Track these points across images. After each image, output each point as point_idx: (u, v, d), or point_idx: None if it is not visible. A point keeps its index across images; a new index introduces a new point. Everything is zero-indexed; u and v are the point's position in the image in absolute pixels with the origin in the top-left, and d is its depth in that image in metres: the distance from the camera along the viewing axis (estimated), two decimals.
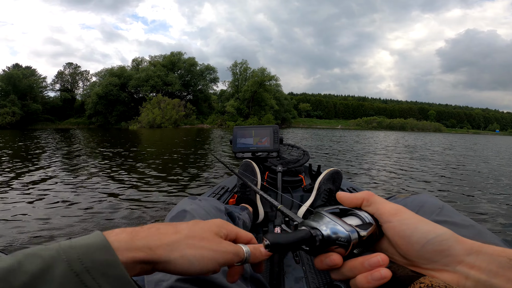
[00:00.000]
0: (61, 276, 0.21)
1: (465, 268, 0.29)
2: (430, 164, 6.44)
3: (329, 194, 1.11)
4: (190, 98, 44.52)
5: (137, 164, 5.38)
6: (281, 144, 1.44)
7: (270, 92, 44.57)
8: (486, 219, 2.67)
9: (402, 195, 0.71)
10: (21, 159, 5.99)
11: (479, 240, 0.31)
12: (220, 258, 0.31)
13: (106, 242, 0.25)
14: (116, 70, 41.96)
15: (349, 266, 0.32)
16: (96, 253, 0.23)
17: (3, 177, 4.09)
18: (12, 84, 37.59)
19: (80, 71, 52.63)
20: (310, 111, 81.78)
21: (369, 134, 26.66)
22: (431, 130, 65.23)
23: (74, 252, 0.23)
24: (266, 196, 0.51)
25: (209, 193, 1.34)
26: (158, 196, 3.19)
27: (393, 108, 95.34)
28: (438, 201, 0.61)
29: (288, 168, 1.47)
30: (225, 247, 0.33)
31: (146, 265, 0.27)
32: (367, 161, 6.57)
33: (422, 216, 0.33)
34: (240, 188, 1.20)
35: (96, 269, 0.22)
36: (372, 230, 0.34)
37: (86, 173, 4.44)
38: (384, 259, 0.31)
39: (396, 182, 4.37)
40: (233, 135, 1.43)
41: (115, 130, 25.81)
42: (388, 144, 13.13)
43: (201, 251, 0.30)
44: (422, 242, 0.31)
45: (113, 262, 0.24)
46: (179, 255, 0.29)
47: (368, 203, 0.36)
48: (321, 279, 0.81)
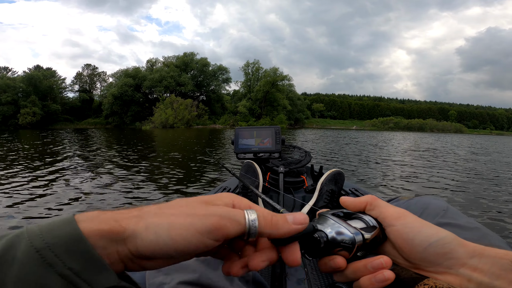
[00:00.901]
0: (22, 254, 0.20)
1: (468, 270, 0.29)
2: (456, 172, 5.81)
3: (331, 195, 1.11)
4: (203, 99, 44.69)
5: (140, 165, 5.44)
6: (283, 145, 1.43)
7: (282, 92, 44.03)
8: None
9: (406, 197, 0.69)
10: (42, 157, 6.40)
11: (484, 242, 0.31)
12: (199, 223, 0.24)
13: (71, 218, 0.22)
14: (130, 71, 42.71)
15: (352, 269, 0.32)
16: (59, 229, 0.21)
17: (26, 173, 4.48)
18: (33, 85, 38.96)
19: (97, 72, 54.12)
20: (324, 112, 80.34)
21: (386, 135, 25.68)
22: (451, 131, 62.47)
23: (37, 229, 0.21)
24: (267, 199, 0.51)
25: (210, 193, 1.16)
26: (158, 196, 3.20)
27: (411, 108, 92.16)
28: (443, 203, 0.60)
29: (290, 169, 1.45)
30: (209, 209, 0.26)
31: (117, 245, 0.23)
32: (387, 167, 6.09)
33: (426, 218, 0.32)
34: (242, 189, 1.20)
35: (58, 244, 0.20)
36: (376, 233, 0.34)
37: (88, 172, 4.59)
38: (387, 261, 0.31)
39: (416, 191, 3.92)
40: (235, 136, 1.42)
41: (129, 130, 26.36)
42: (407, 146, 12.43)
43: (171, 218, 0.24)
44: (425, 245, 0.31)
45: (76, 236, 0.21)
46: (144, 226, 0.24)
47: (372, 206, 0.36)
48: (323, 281, 0.82)
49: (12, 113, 36.12)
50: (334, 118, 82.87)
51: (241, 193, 1.21)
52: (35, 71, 43.42)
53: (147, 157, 6.76)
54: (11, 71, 45.90)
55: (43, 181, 3.98)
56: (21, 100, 37.11)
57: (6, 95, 35.61)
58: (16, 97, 36.77)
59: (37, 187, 3.68)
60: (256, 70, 46.53)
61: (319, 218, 0.36)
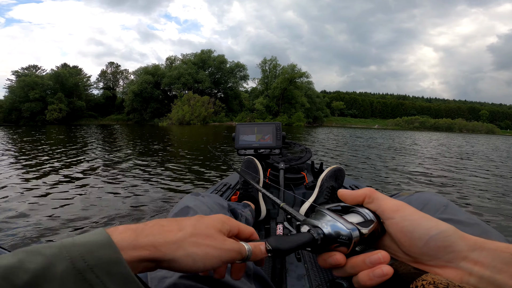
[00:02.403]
0: (64, 273, 0.21)
1: (469, 264, 0.28)
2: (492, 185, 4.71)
3: (332, 191, 1.12)
4: (221, 96, 44.68)
5: (145, 160, 5.51)
6: (284, 142, 1.42)
7: (301, 89, 42.96)
8: None
9: (406, 193, 0.70)
10: (67, 151, 6.85)
11: (484, 238, 0.31)
12: (224, 256, 0.31)
13: (110, 240, 0.24)
14: (150, 69, 43.43)
15: (351, 264, 0.32)
16: (99, 251, 0.23)
17: (54, 166, 4.77)
18: (59, 82, 40.76)
19: (120, 70, 55.81)
20: (344, 110, 77.96)
21: (412, 135, 24.21)
22: (482, 131, 58.38)
23: (76, 249, 0.22)
24: (268, 194, 0.51)
25: (211, 189, 1.34)
26: (160, 191, 3.23)
27: (438, 107, 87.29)
28: (443, 199, 0.60)
29: (290, 165, 1.45)
30: (229, 245, 0.32)
31: (150, 263, 0.27)
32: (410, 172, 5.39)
33: (426, 213, 0.33)
34: (243, 185, 1.20)
35: (99, 267, 0.22)
36: (374, 227, 0.33)
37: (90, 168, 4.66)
38: (385, 256, 0.31)
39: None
40: (236, 132, 1.41)
41: (148, 127, 26.71)
42: (436, 148, 11.40)
43: (206, 249, 0.30)
44: (425, 239, 0.30)
45: (116, 260, 0.23)
46: (184, 254, 0.28)
47: (370, 199, 0.36)
48: (322, 276, 0.83)
49: (40, 109, 37.94)
50: (355, 116, 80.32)
51: (241, 188, 1.19)
52: (62, 69, 45.42)
53: (155, 152, 6.86)
54: (40, 69, 48.35)
55: (71, 173, 4.29)
56: (49, 97, 38.91)
57: (34, 92, 37.32)
58: (44, 94, 38.53)
59: (66, 179, 3.91)
60: (274, 67, 45.67)
61: (316, 214, 0.35)
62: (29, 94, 37.13)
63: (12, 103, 37.22)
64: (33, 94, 37.21)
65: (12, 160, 5.42)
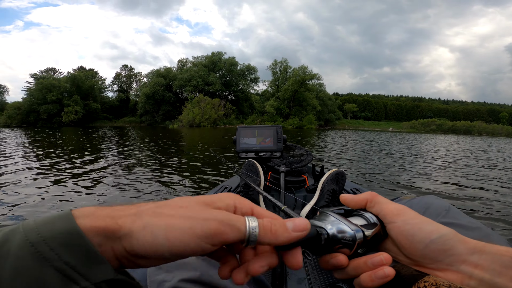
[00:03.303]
0: (17, 248, 0.19)
1: (469, 267, 0.29)
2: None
3: (333, 194, 1.12)
4: (231, 98, 44.77)
5: (147, 162, 5.50)
6: (284, 145, 1.43)
7: (312, 91, 42.52)
8: None
9: (408, 197, 0.69)
10: (82, 152, 7.15)
11: (486, 242, 0.31)
12: (199, 227, 0.23)
13: (68, 212, 0.22)
14: (162, 71, 44.04)
15: (353, 265, 0.32)
16: (55, 223, 0.21)
17: (70, 164, 4.99)
18: (75, 85, 41.89)
19: (134, 73, 56.91)
20: (356, 112, 76.67)
21: (433, 139, 23.31)
22: (503, 134, 55.78)
23: (33, 223, 0.21)
24: (269, 197, 0.51)
25: (211, 192, 1.34)
26: (159, 194, 3.21)
27: (456, 110, 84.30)
28: (445, 203, 0.60)
29: (291, 168, 1.45)
30: (210, 213, 0.25)
31: (112, 242, 0.23)
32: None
33: (428, 217, 0.33)
34: (243, 188, 1.20)
35: (54, 238, 0.20)
36: (377, 230, 0.34)
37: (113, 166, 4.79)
38: (387, 258, 0.31)
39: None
40: (236, 135, 1.42)
41: (160, 129, 26.99)
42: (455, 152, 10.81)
43: (169, 219, 0.23)
44: (426, 242, 0.31)
45: (72, 230, 0.21)
46: (141, 225, 0.23)
47: (372, 203, 0.36)
48: (323, 279, 0.82)
49: (57, 111, 39.08)
50: (368, 119, 78.72)
51: (242, 192, 1.18)
52: (78, 71, 46.76)
53: (160, 153, 6.94)
54: (58, 71, 49.93)
55: (87, 170, 4.55)
56: (65, 99, 39.97)
57: (51, 94, 38.49)
58: (60, 96, 39.65)
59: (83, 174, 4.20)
60: (284, 69, 45.41)
61: (319, 215, 0.36)
62: (46, 97, 38.30)
63: (30, 105, 38.42)
64: (50, 96, 38.36)
65: (28, 159, 5.65)
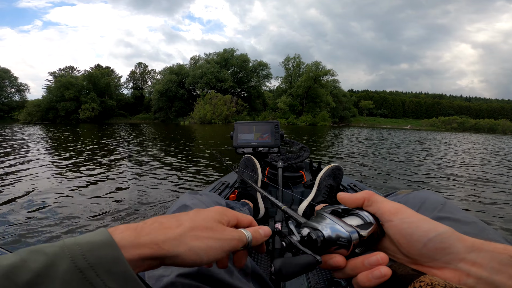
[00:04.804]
0: (65, 273, 0.21)
1: (467, 265, 0.29)
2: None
3: (330, 190, 1.13)
4: (244, 95, 44.42)
5: (144, 158, 5.57)
6: (282, 140, 1.43)
7: (326, 88, 41.50)
8: None
9: (404, 191, 0.70)
10: (101, 147, 7.47)
11: (481, 237, 0.31)
12: (226, 245, 0.31)
13: (111, 239, 0.24)
14: (175, 68, 44.29)
15: (350, 265, 0.33)
16: (100, 250, 0.23)
17: (88, 161, 5.15)
18: (92, 82, 42.87)
19: (148, 70, 57.77)
20: (373, 109, 74.33)
21: (457, 137, 22.05)
22: None
23: (78, 248, 0.23)
24: (270, 197, 0.52)
25: (210, 188, 1.35)
26: (157, 190, 3.22)
27: (479, 107, 79.99)
28: (440, 198, 0.60)
29: (288, 164, 1.47)
30: (229, 234, 0.32)
31: (153, 261, 0.27)
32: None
33: (424, 212, 0.32)
34: (241, 184, 1.21)
35: (100, 265, 0.22)
36: (373, 230, 0.34)
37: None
38: (383, 257, 0.31)
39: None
40: (234, 130, 1.42)
41: (172, 125, 27.20)
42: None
43: (207, 242, 0.30)
44: (424, 241, 0.31)
45: (117, 259, 0.23)
46: (187, 249, 0.28)
47: (369, 202, 0.36)
48: (321, 275, 0.84)
49: (75, 108, 40.11)
50: (385, 116, 76.17)
51: (240, 187, 1.21)
52: (95, 69, 47.91)
53: (162, 151, 6.87)
54: (76, 70, 51.38)
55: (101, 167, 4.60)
56: (82, 96, 40.97)
57: (69, 92, 39.55)
58: (78, 94, 40.69)
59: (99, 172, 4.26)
60: (297, 65, 44.55)
61: (316, 217, 0.36)
62: (64, 94, 39.39)
63: (49, 103, 39.60)
64: (68, 94, 39.43)
65: (48, 154, 5.94)
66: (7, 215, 2.32)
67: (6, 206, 2.55)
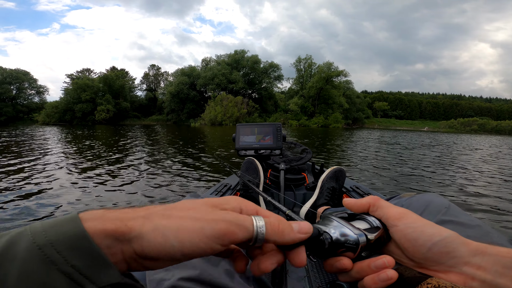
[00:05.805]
0: (24, 251, 0.19)
1: (471, 269, 0.29)
2: None
3: (332, 192, 1.13)
4: (255, 96, 44.24)
5: (146, 160, 5.56)
6: (284, 142, 1.43)
7: (338, 89, 40.64)
8: None
9: (408, 194, 0.69)
10: (114, 147, 7.73)
11: (486, 240, 0.31)
12: (209, 228, 0.24)
13: (75, 215, 0.22)
14: (186, 70, 44.61)
15: (356, 268, 0.32)
16: (63, 226, 0.21)
17: (104, 160, 5.41)
18: (107, 84, 43.94)
19: (161, 72, 58.66)
20: (387, 111, 72.48)
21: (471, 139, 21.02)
22: None
23: (40, 226, 0.21)
24: (273, 201, 0.51)
25: (211, 190, 1.35)
26: (159, 192, 3.21)
27: (500, 108, 76.57)
28: (445, 201, 0.60)
29: (291, 166, 1.47)
30: (218, 214, 0.25)
31: (120, 243, 0.22)
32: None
33: (428, 215, 0.33)
34: (243, 186, 1.20)
35: (61, 241, 0.20)
36: (380, 234, 0.34)
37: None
38: (390, 261, 0.31)
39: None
40: (236, 133, 1.42)
41: (184, 127, 27.34)
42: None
43: (180, 221, 0.24)
44: (428, 245, 0.31)
45: (79, 234, 0.21)
46: (152, 227, 0.23)
47: (375, 208, 0.36)
48: (323, 278, 0.83)
49: (91, 110, 41.18)
50: (400, 118, 74.11)
51: (242, 190, 1.20)
52: (110, 72, 49.08)
53: (169, 153, 6.83)
54: (92, 72, 52.76)
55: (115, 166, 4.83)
56: (98, 98, 41.99)
57: (85, 93, 40.60)
58: (94, 96, 41.72)
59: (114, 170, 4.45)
60: (309, 66, 43.88)
61: (323, 220, 0.36)
62: (81, 96, 40.46)
63: (67, 104, 40.78)
64: (85, 95, 40.46)
65: (64, 155, 6.16)
66: (20, 213, 2.45)
67: (22, 202, 2.74)
